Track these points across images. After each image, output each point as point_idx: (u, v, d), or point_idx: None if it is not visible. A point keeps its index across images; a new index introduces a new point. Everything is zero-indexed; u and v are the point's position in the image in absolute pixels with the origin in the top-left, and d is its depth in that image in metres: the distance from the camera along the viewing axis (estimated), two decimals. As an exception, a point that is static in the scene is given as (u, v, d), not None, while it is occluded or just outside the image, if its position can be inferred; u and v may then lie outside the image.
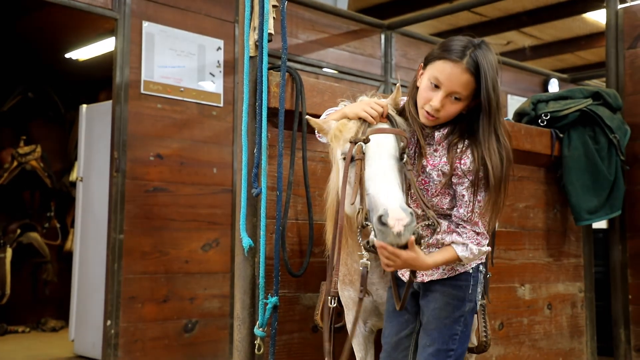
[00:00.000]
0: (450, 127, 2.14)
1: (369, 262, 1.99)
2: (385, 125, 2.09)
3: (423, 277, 2.17)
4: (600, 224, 4.50)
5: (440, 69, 2.05)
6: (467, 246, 2.07)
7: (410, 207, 1.87)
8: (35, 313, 6.57)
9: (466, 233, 2.09)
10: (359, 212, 1.94)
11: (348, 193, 2.02)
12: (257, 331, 2.42)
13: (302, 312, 2.72)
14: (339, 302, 2.49)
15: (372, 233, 1.88)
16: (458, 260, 2.08)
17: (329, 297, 2.07)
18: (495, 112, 2.05)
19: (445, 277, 2.15)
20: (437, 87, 2.06)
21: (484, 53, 2.04)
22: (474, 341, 2.44)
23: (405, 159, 2.01)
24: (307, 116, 2.36)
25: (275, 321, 2.45)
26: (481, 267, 2.21)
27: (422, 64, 2.16)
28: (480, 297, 2.23)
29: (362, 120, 2.08)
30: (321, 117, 2.34)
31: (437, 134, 2.15)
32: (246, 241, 2.44)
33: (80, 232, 5.24)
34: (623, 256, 4.28)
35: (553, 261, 3.88)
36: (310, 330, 2.75)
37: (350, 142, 2.03)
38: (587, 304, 4.10)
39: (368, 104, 2.11)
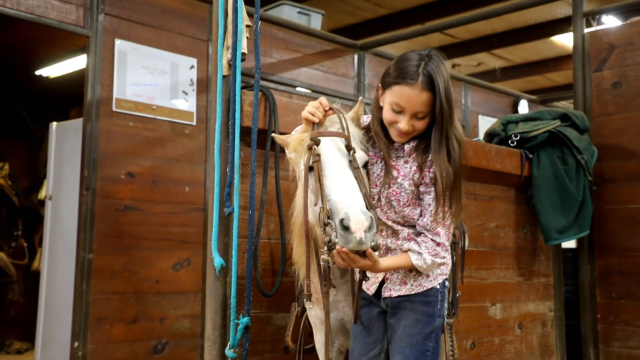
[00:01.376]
0: (419, 138, 2.19)
1: (330, 258, 2.01)
2: (334, 127, 2.16)
3: (391, 292, 2.20)
4: (570, 244, 4.57)
5: (399, 94, 2.10)
6: (422, 255, 2.12)
7: (371, 211, 1.90)
8: (0, 334, 6.41)
9: (425, 243, 2.13)
10: (320, 211, 1.97)
11: (311, 199, 2.06)
12: (228, 352, 2.39)
13: (274, 333, 2.71)
14: (309, 322, 2.49)
15: (334, 233, 1.90)
16: (412, 267, 2.13)
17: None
18: (448, 121, 2.11)
19: (413, 292, 2.17)
20: (400, 111, 2.12)
21: (436, 65, 2.09)
22: (442, 360, 2.46)
23: (351, 157, 2.06)
24: (273, 134, 2.38)
25: (247, 342, 2.43)
26: (447, 283, 2.25)
27: (380, 85, 2.22)
28: (445, 313, 2.26)
29: (312, 125, 2.15)
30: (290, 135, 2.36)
31: (407, 147, 2.21)
32: (218, 260, 2.42)
33: (49, 251, 5.15)
34: (592, 275, 4.34)
35: (523, 280, 3.92)
36: (282, 351, 2.73)
37: (308, 149, 2.09)
38: (557, 323, 4.14)
39: (312, 105, 2.19)
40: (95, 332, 4.15)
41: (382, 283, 2.23)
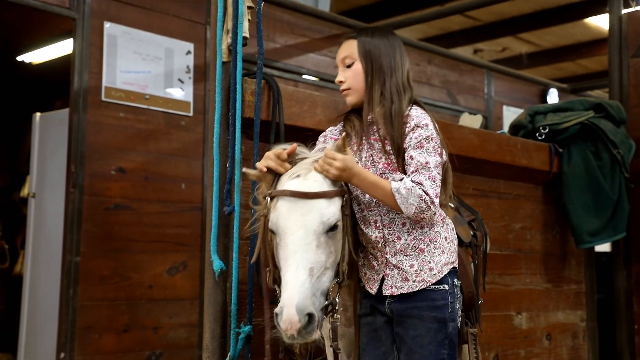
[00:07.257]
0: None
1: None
2: (304, 175, 2.08)
3: (392, 289, 2.18)
4: (603, 247, 4.56)
5: None
6: (403, 179, 2.09)
7: (318, 299, 1.95)
8: (-21, 345, 6.47)
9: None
10: (268, 274, 2.07)
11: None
12: (228, 364, 2.42)
13: (278, 343, 2.72)
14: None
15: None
16: (390, 194, 2.07)
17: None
18: (377, 65, 2.28)
19: (416, 289, 2.15)
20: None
21: (373, 28, 2.42)
22: (466, 374, 2.46)
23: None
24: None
25: (249, 353, 2.44)
26: (456, 281, 2.23)
27: None
28: (458, 315, 2.26)
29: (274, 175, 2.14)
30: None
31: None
32: (217, 264, 2.44)
33: (32, 254, 5.18)
34: (628, 282, 4.33)
35: (552, 287, 3.92)
36: (287, 363, 2.75)
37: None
38: (590, 334, 4.14)
39: (267, 156, 2.12)
40: (82, 343, 4.18)
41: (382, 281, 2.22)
